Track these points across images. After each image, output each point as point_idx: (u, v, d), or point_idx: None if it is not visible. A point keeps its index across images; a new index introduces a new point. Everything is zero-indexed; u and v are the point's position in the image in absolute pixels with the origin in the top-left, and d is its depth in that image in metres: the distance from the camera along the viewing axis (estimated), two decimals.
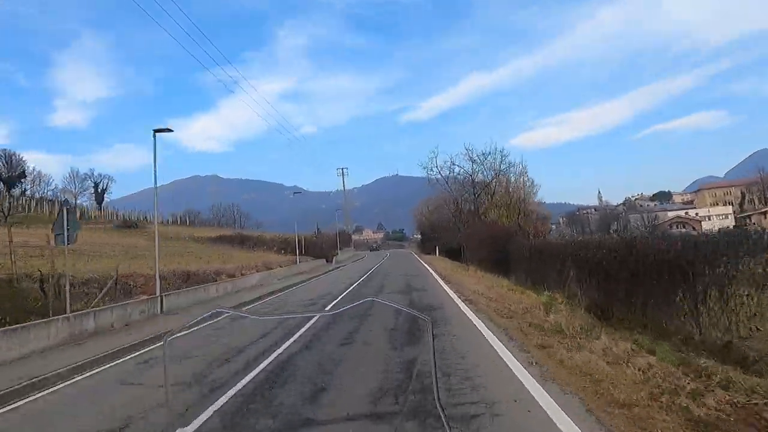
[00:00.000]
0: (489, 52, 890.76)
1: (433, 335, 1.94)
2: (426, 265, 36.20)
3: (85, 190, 66.74)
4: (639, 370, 5.74)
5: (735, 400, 4.62)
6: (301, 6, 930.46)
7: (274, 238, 52.76)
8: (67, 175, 68.37)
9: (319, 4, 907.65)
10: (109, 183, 70.57)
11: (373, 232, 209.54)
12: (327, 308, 14.12)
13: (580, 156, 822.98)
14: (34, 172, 60.37)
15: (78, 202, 61.36)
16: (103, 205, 67.05)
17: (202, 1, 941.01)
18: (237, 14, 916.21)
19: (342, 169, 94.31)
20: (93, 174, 68.66)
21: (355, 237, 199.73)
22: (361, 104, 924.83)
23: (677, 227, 71.95)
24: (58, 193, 60.16)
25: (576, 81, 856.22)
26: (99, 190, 67.87)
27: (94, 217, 56.45)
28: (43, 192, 60.24)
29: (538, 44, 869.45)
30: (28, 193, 57.12)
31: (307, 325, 10.56)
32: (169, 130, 15.70)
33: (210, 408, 5.49)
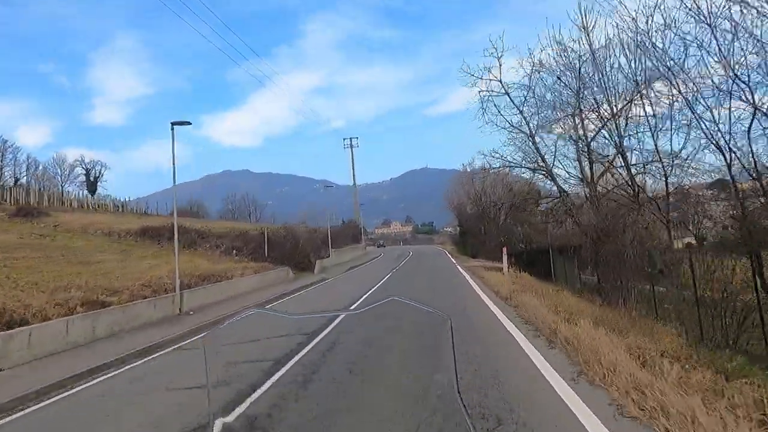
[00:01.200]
0: (520, 39, 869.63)
1: (452, 331, 1.92)
2: (489, 293, 16.27)
3: (76, 178, 57.30)
4: None
5: None
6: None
7: (227, 233, 33.22)
8: (51, 159, 59.13)
9: None
10: (103, 170, 60.21)
11: (401, 225, 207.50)
12: None
13: None
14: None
15: (68, 189, 53.17)
16: (97, 194, 56.15)
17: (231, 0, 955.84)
18: (266, 10, 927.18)
19: (350, 139, 70.46)
20: (83, 160, 58.96)
21: (382, 230, 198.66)
22: (391, 97, 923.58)
23: None
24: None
25: None
26: (91, 177, 57.90)
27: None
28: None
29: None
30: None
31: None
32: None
33: None
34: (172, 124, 14.96)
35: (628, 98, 15.92)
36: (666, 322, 9.83)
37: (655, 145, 15.36)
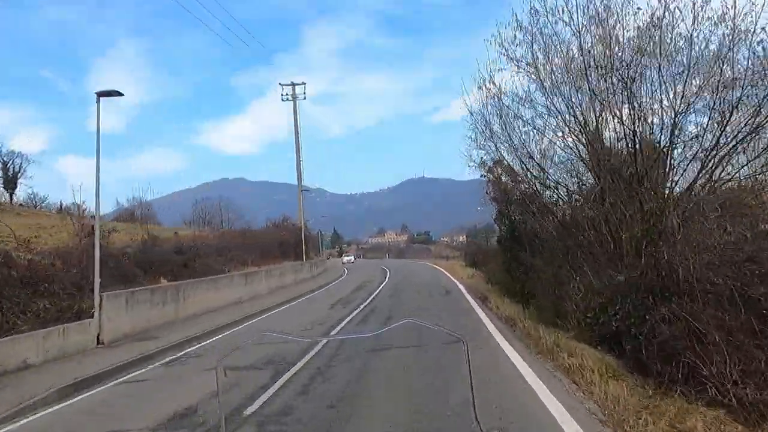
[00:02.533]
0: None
1: (468, 355, 1.85)
2: None
3: None
4: None
5: None
6: (332, 7, 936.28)
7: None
8: None
9: (349, 4, 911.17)
10: (24, 165, 52.56)
11: (396, 234, 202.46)
12: None
13: None
14: None
15: None
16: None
17: (233, 5, 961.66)
18: (269, 17, 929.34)
19: (292, 85, 43.91)
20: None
21: (376, 240, 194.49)
22: (389, 105, 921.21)
23: None
24: None
25: None
26: (9, 173, 50.61)
27: None
28: None
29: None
30: None
31: None
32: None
33: None
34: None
35: None
36: None
37: None
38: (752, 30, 9.11)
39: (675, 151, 10.77)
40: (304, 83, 44.88)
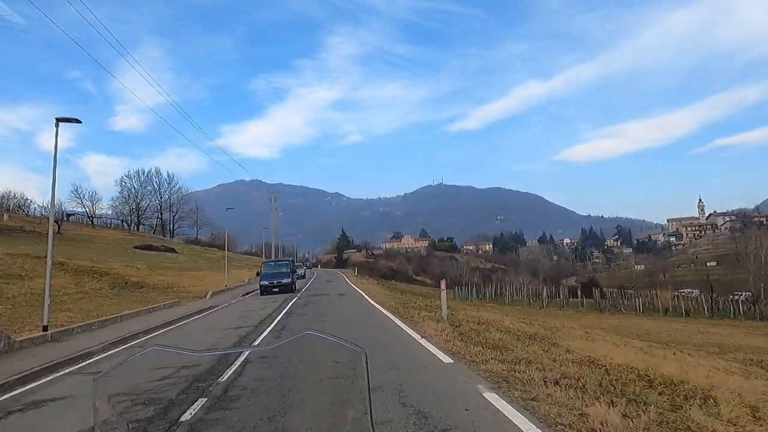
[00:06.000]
0: (544, 60, 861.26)
1: (367, 367, 1.70)
2: None
3: None
4: None
5: None
6: (353, 13, 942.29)
7: None
8: None
9: (371, 11, 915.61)
10: None
11: (415, 240, 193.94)
12: None
13: (636, 169, 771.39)
14: None
15: None
16: None
17: (253, 11, 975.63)
18: (289, 23, 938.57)
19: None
20: None
21: (391, 244, 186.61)
22: (409, 112, 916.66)
23: None
24: None
25: (637, 90, 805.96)
26: None
27: None
28: None
29: (599, 51, 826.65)
30: None
31: None
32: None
33: None
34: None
35: None
36: None
37: None
38: None
39: None
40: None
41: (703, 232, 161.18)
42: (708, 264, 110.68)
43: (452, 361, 6.97)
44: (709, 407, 4.41)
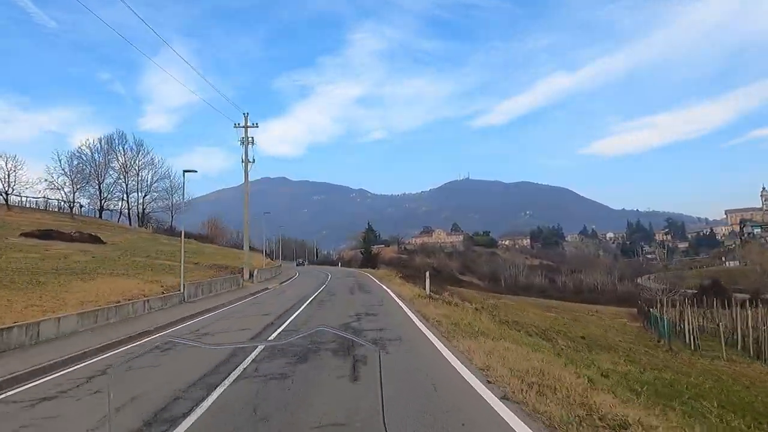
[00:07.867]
0: (571, 52, 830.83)
1: (380, 366, 1.71)
2: None
3: None
4: None
5: None
6: (376, 9, 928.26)
7: None
8: None
9: (394, 6, 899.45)
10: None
11: (447, 234, 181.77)
12: None
13: (669, 163, 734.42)
14: None
15: None
16: None
17: (278, 7, 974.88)
18: (312, 20, 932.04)
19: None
20: None
21: (422, 239, 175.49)
22: (434, 108, 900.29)
23: None
24: None
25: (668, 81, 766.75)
26: None
27: None
28: None
29: (628, 41, 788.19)
30: None
31: None
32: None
33: None
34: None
35: None
36: None
37: None
38: None
39: None
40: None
41: None
42: None
43: None
44: None
